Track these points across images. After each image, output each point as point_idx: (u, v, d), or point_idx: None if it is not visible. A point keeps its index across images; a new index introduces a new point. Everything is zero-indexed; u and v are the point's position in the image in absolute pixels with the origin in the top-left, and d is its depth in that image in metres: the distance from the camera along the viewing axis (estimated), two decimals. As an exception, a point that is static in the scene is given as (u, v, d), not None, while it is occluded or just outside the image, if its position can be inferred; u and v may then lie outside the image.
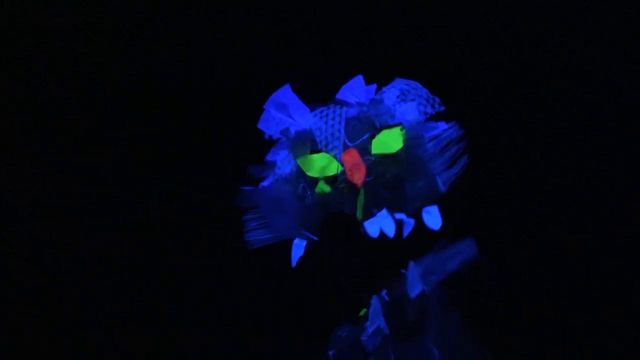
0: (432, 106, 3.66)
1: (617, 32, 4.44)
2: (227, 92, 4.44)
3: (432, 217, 3.60)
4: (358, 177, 3.51)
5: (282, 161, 3.67)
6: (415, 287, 3.50)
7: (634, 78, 4.38)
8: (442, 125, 3.69)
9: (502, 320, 3.86)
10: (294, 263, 3.58)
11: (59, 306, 4.31)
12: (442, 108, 3.66)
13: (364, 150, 3.55)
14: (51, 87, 4.53)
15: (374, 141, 3.54)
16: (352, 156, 3.51)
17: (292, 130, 3.64)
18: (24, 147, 4.51)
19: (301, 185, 3.60)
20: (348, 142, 3.54)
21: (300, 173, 3.58)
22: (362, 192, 3.51)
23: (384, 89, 3.74)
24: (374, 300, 3.54)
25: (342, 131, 3.48)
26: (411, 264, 3.54)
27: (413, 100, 3.62)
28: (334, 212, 3.53)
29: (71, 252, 4.36)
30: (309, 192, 3.57)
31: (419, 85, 3.70)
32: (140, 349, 4.22)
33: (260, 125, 3.70)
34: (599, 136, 4.35)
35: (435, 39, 4.46)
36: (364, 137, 3.57)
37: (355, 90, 3.64)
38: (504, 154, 4.34)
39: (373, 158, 3.56)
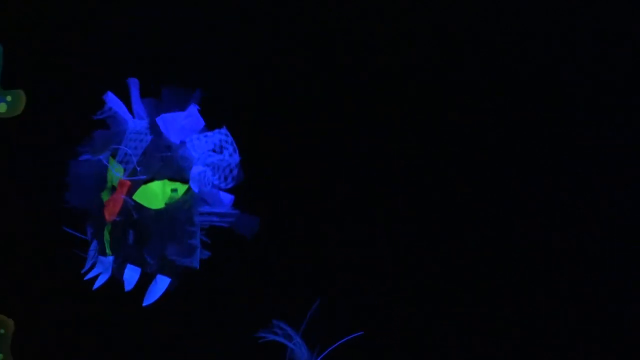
0: (226, 179, 3.24)
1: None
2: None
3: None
4: (109, 212, 3.24)
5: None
6: None
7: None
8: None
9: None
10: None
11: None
12: (232, 184, 3.23)
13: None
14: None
15: (141, 188, 3.25)
16: (120, 189, 3.23)
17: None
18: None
19: None
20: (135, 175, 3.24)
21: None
22: (107, 228, 3.25)
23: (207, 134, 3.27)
24: None
25: (135, 160, 3.21)
26: None
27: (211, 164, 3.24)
28: None
29: None
30: None
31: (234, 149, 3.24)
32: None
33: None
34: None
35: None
36: (142, 177, 3.26)
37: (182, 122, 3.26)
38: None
39: (132, 203, 3.27)
